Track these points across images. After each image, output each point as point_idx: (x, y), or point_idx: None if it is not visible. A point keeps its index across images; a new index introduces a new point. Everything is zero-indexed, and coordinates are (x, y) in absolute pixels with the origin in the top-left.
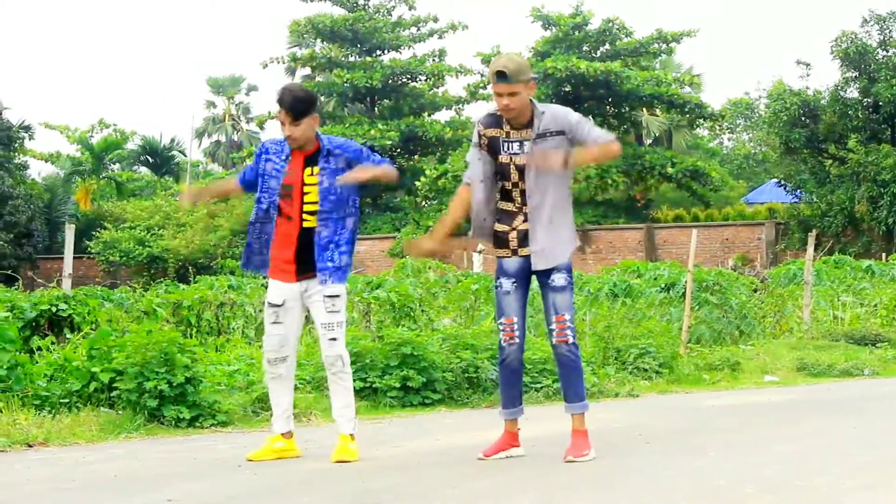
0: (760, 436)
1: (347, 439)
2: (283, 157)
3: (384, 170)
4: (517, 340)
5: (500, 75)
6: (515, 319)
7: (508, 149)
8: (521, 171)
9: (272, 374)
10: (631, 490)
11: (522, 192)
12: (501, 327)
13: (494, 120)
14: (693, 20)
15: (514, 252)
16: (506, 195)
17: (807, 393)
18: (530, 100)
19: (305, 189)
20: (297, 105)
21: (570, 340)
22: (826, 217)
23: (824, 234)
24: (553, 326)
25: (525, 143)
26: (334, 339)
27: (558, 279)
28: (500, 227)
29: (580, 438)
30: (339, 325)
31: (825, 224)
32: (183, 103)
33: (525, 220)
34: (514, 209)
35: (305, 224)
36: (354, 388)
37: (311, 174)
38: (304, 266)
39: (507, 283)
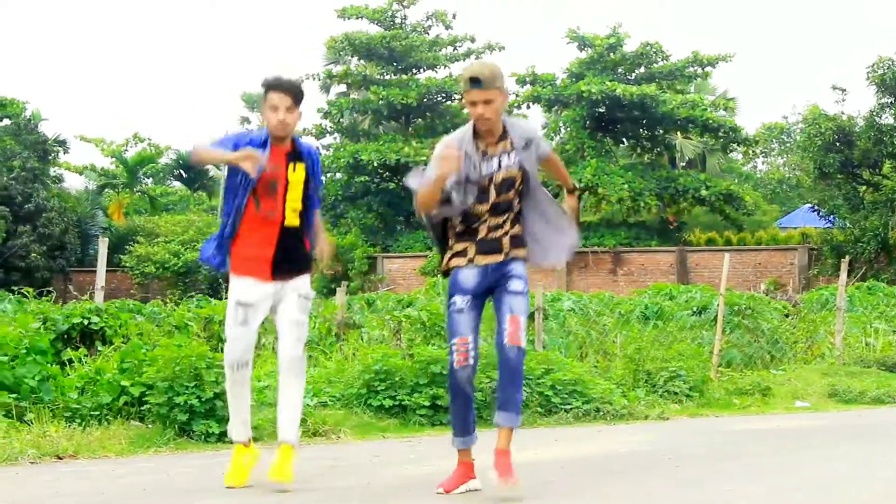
0: (790, 461)
1: (290, 451)
2: (263, 152)
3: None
4: (471, 362)
5: (474, 81)
6: (470, 339)
7: (489, 168)
8: (498, 189)
9: (234, 380)
10: None
11: (493, 206)
12: (454, 348)
13: (469, 141)
14: (729, 44)
15: (471, 261)
16: (469, 217)
17: (838, 419)
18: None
19: (289, 188)
20: (298, 91)
21: (523, 344)
22: (859, 243)
23: (857, 260)
24: (505, 325)
25: (503, 157)
26: (300, 340)
27: (516, 284)
28: (458, 245)
29: (507, 459)
30: (306, 326)
31: (858, 250)
32: (217, 118)
33: (491, 231)
34: (480, 225)
35: (287, 223)
36: (384, 405)
37: (294, 171)
38: (282, 266)
39: (460, 301)
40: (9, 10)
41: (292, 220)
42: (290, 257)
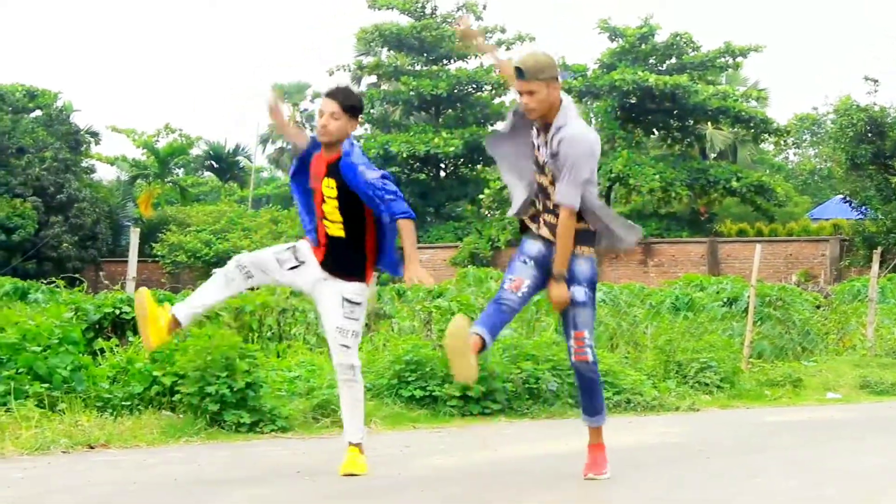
0: (822, 453)
1: (356, 451)
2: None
3: (412, 238)
4: (520, 294)
5: (517, 72)
6: (525, 283)
7: (536, 143)
8: (542, 166)
9: (222, 273)
10: None
11: (539, 186)
12: (508, 279)
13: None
14: (761, 35)
15: (539, 236)
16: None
17: (869, 411)
18: (561, 101)
19: (325, 199)
20: (349, 98)
21: (590, 360)
22: (891, 234)
23: (889, 251)
24: (571, 343)
25: (542, 147)
26: (346, 347)
27: (578, 293)
28: (528, 220)
29: (598, 453)
30: (353, 334)
31: (890, 241)
32: (248, 109)
33: (547, 213)
34: (544, 216)
35: (330, 232)
36: (415, 396)
37: (329, 186)
38: (329, 263)
39: (525, 258)
40: (41, 2)
41: (335, 230)
42: (338, 261)
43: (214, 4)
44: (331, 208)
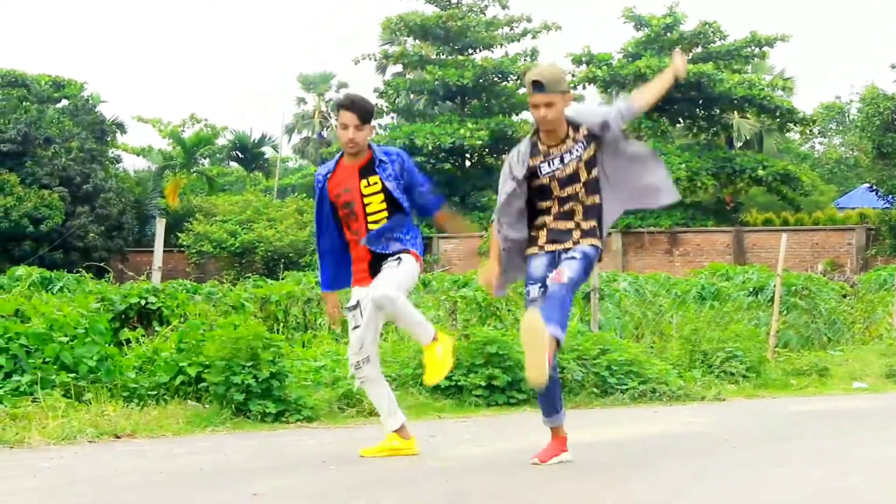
0: (848, 443)
1: (430, 349)
2: (328, 174)
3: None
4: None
5: (537, 85)
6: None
7: (551, 166)
8: (560, 182)
9: (360, 379)
10: (716, 495)
11: (558, 200)
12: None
13: (533, 148)
14: (787, 24)
15: (542, 248)
16: (536, 212)
17: (895, 400)
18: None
19: (366, 201)
20: (365, 109)
21: (565, 280)
22: None
23: None
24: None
25: (565, 155)
26: (387, 282)
27: (574, 253)
28: (532, 233)
29: (554, 443)
30: (396, 281)
31: None
32: (274, 99)
33: (559, 219)
34: (548, 217)
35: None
36: (440, 386)
37: (368, 185)
38: (378, 266)
39: (533, 291)
40: None
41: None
42: (382, 260)
43: None
44: (375, 204)
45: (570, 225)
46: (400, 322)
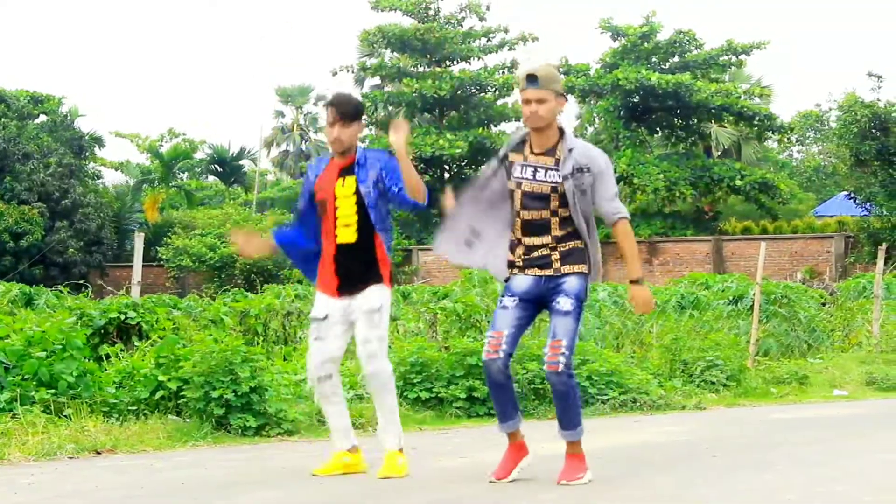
0: (829, 450)
1: (395, 454)
2: (317, 173)
3: (418, 179)
4: (500, 355)
5: (530, 79)
6: (505, 333)
7: (522, 173)
8: (523, 200)
9: (319, 393)
10: (711, 497)
11: (523, 223)
12: (487, 340)
13: (519, 144)
14: (764, 32)
15: (521, 270)
16: (513, 228)
17: (876, 407)
18: (560, 128)
19: (337, 203)
20: (348, 106)
21: (561, 369)
22: None
23: (894, 248)
24: (546, 350)
25: (539, 170)
26: (371, 356)
27: (564, 303)
28: (511, 254)
29: (574, 461)
30: (379, 339)
31: (895, 237)
32: (251, 113)
33: (534, 246)
34: (522, 236)
35: (339, 239)
36: (421, 398)
37: (343, 185)
38: (345, 282)
39: (507, 300)
40: (44, 7)
41: (344, 236)
42: (350, 273)
43: (216, 8)
44: (346, 208)
45: (545, 250)
46: (379, 403)
